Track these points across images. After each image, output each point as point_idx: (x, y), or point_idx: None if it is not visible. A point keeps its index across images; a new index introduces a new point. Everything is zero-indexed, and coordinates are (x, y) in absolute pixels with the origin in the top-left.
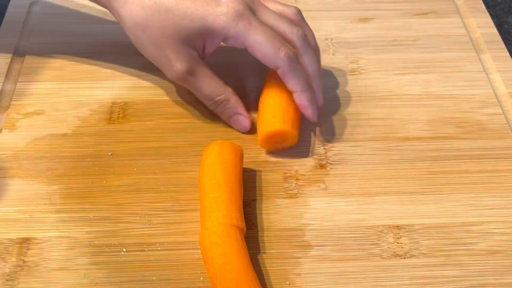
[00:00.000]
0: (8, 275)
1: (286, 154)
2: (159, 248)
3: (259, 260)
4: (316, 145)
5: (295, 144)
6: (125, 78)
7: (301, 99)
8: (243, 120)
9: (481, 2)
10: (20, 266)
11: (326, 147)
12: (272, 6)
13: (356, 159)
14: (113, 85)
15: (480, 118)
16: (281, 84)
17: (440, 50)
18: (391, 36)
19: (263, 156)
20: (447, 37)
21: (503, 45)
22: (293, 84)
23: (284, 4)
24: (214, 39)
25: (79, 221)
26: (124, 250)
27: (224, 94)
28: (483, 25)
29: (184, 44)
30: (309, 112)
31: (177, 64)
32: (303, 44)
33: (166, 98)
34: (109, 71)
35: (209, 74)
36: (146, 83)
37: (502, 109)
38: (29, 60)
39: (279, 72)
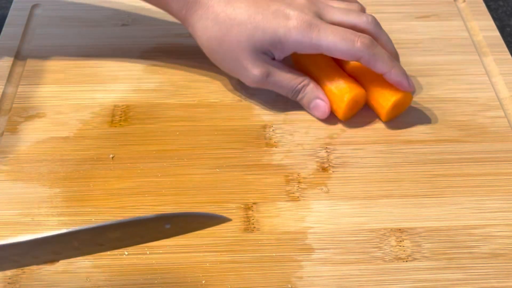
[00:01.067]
0: (10, 278)
1: (288, 157)
2: (161, 251)
3: (261, 263)
4: (318, 148)
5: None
6: (127, 81)
7: (394, 76)
8: (324, 106)
9: (484, 5)
10: (21, 269)
11: (328, 150)
12: (336, 4)
13: (358, 162)
14: (115, 88)
15: (483, 121)
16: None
17: (442, 53)
18: (393, 39)
19: (265, 159)
20: (449, 40)
21: (505, 48)
22: (380, 67)
23: (345, 1)
24: (287, 50)
25: (81, 225)
26: (126, 253)
27: (302, 82)
28: (486, 28)
29: (258, 52)
30: (405, 85)
31: (253, 71)
32: (375, 28)
33: (168, 101)
34: (111, 74)
35: (284, 69)
36: (148, 86)
37: (505, 112)
38: (30, 63)
39: (363, 62)
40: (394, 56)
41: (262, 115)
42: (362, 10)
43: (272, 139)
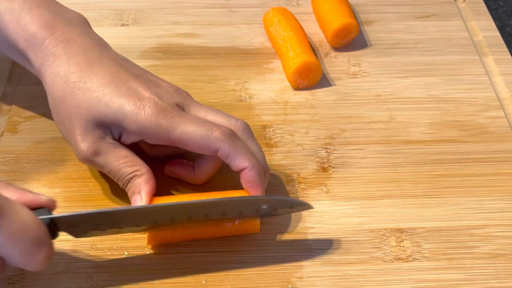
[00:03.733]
0: (10, 278)
1: (288, 157)
2: (161, 251)
3: (262, 263)
4: (318, 148)
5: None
6: None
7: (251, 175)
8: (139, 203)
9: (484, 5)
10: (21, 269)
11: (328, 150)
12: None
13: (358, 162)
14: None
15: (483, 121)
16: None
17: (442, 53)
18: (393, 39)
19: (266, 159)
20: (449, 40)
21: (505, 48)
22: (239, 161)
23: (229, 116)
24: (132, 132)
25: None
26: (126, 253)
27: (134, 172)
28: (486, 28)
29: (95, 126)
30: (259, 189)
31: (81, 145)
32: (245, 133)
33: None
34: None
35: (119, 153)
36: None
37: (505, 112)
38: None
39: (220, 155)
40: (265, 171)
41: (262, 115)
42: (245, 130)
43: (272, 139)
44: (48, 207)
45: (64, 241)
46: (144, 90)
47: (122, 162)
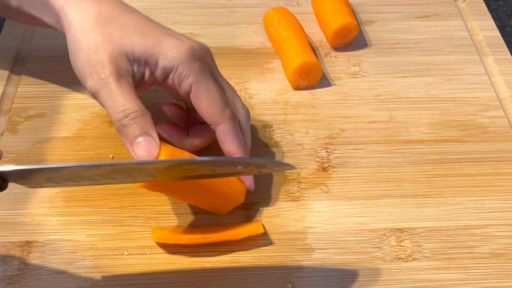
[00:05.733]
0: (9, 278)
1: (288, 157)
2: (160, 251)
3: (261, 263)
4: (318, 148)
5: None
6: None
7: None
8: (153, 144)
9: (484, 5)
10: (21, 269)
11: (328, 150)
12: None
13: (358, 162)
14: None
15: (483, 121)
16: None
17: (442, 53)
18: (394, 39)
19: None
20: (449, 40)
21: (505, 48)
22: (234, 145)
23: (239, 99)
24: (159, 70)
25: (81, 224)
26: (126, 253)
27: (134, 113)
28: (486, 28)
29: (121, 56)
30: (249, 182)
31: (100, 72)
32: (247, 121)
33: (167, 100)
34: None
35: (124, 90)
36: None
37: (505, 112)
38: (30, 63)
39: (220, 128)
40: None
41: (262, 115)
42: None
43: (272, 139)
44: None
45: (63, 241)
46: (181, 35)
47: (121, 99)
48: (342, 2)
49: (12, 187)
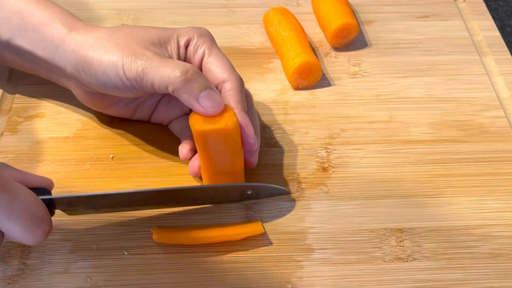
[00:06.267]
0: (9, 278)
1: (288, 157)
2: (160, 251)
3: (261, 263)
4: (318, 148)
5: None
6: None
7: (244, 118)
8: (217, 96)
9: (484, 5)
10: (21, 269)
11: (328, 150)
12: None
13: (358, 162)
14: None
15: (483, 121)
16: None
17: (442, 53)
18: (393, 39)
19: (265, 159)
20: (449, 40)
21: (505, 48)
22: (236, 101)
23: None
24: (182, 43)
25: (81, 224)
26: (126, 253)
27: (192, 69)
28: (486, 28)
29: (153, 41)
30: (252, 141)
31: (145, 52)
32: (251, 103)
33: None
34: None
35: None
36: None
37: (505, 112)
38: None
39: (226, 84)
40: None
41: (262, 115)
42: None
43: (272, 139)
44: (47, 187)
45: (63, 241)
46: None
47: (172, 63)
48: (342, 2)
49: None
